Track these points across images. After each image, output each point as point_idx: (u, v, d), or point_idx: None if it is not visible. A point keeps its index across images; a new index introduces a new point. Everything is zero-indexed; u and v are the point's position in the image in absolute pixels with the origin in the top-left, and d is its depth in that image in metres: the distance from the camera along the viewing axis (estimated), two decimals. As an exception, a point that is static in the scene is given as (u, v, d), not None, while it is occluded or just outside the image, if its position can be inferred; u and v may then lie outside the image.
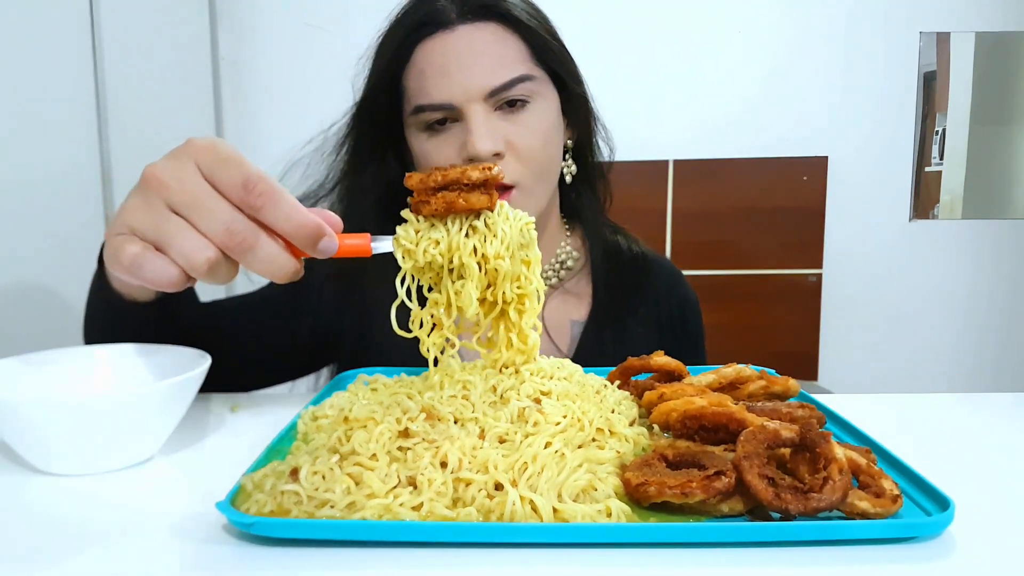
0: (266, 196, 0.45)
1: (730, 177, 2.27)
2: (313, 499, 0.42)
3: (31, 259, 1.24)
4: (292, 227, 0.45)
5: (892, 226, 2.34)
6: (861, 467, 0.42)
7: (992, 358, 2.40)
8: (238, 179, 0.45)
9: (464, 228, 0.51)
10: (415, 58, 0.81)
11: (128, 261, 0.45)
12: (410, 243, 0.51)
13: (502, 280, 0.52)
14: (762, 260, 2.31)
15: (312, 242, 0.46)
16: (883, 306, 2.37)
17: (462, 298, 0.52)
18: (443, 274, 0.53)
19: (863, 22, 2.25)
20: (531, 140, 0.81)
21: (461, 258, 0.50)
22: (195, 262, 0.45)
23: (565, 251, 0.95)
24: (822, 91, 2.28)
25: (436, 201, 0.50)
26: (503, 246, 0.51)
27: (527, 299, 0.54)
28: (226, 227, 0.45)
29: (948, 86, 2.27)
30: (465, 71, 0.78)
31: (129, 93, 1.58)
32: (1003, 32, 2.24)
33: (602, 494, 0.42)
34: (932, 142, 2.30)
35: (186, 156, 0.46)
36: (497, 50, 0.80)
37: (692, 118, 2.23)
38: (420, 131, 0.82)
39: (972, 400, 0.68)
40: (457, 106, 0.78)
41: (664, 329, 0.94)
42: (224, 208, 0.45)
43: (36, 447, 0.50)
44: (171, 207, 0.45)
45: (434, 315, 0.54)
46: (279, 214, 0.45)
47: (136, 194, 0.47)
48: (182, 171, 0.45)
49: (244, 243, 0.45)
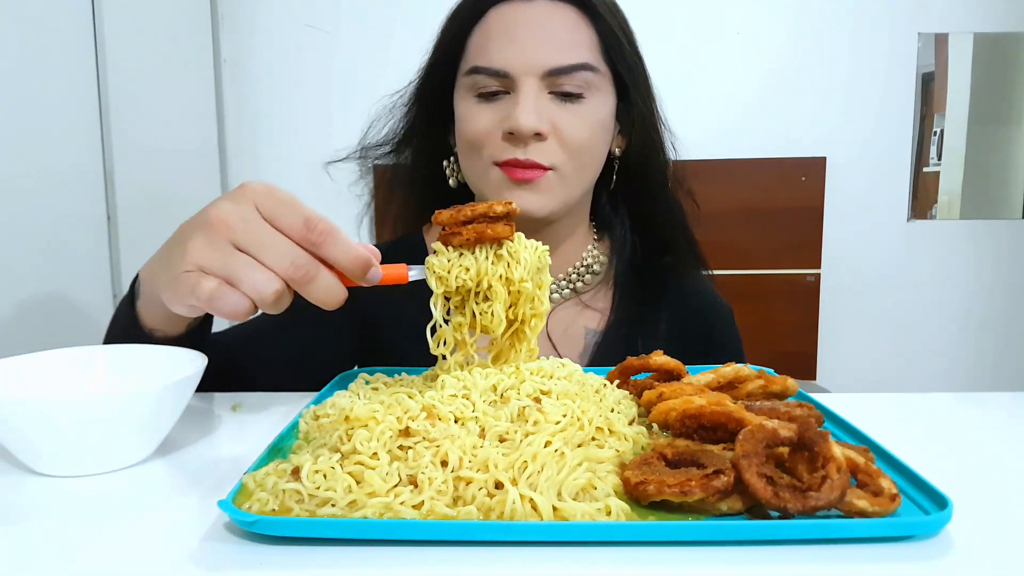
0: (327, 234, 0.50)
1: (728, 177, 2.27)
2: (314, 497, 0.42)
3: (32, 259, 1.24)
4: (348, 260, 0.51)
5: (890, 226, 2.35)
6: (859, 466, 0.42)
7: (990, 357, 2.40)
8: (299, 219, 0.50)
9: (490, 256, 0.57)
10: (487, 18, 0.81)
11: (207, 295, 0.50)
12: (443, 270, 0.56)
13: (524, 301, 0.58)
14: (761, 260, 2.31)
15: (363, 272, 0.52)
16: (881, 306, 2.38)
17: (490, 318, 0.57)
18: (468, 297, 0.58)
19: (862, 23, 2.25)
20: (578, 131, 0.79)
21: (490, 282, 0.56)
22: (264, 294, 0.49)
23: (592, 255, 0.93)
24: (820, 92, 2.28)
25: (467, 231, 0.56)
26: (525, 271, 0.57)
27: (537, 318, 0.59)
28: (291, 262, 0.50)
29: (946, 87, 2.27)
30: (530, 42, 0.77)
31: (131, 93, 1.58)
32: (1001, 33, 2.24)
33: (602, 493, 0.42)
34: (930, 143, 2.30)
35: (245, 199, 0.51)
36: (568, 33, 0.79)
37: (691, 119, 2.22)
38: (470, 94, 0.82)
39: (970, 399, 0.68)
40: (513, 76, 0.78)
41: (690, 343, 0.91)
42: (287, 245, 0.50)
43: (32, 448, 0.50)
44: (236, 245, 0.50)
45: (457, 336, 0.58)
46: (338, 249, 0.51)
47: (200, 234, 0.51)
48: (245, 212, 0.50)
49: (307, 276, 0.50)
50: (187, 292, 0.51)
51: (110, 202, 1.49)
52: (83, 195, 1.43)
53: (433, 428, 0.47)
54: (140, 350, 0.61)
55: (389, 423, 0.47)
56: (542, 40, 0.78)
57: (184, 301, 0.52)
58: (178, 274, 0.51)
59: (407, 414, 0.48)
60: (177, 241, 0.54)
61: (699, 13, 2.25)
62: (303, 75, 2.24)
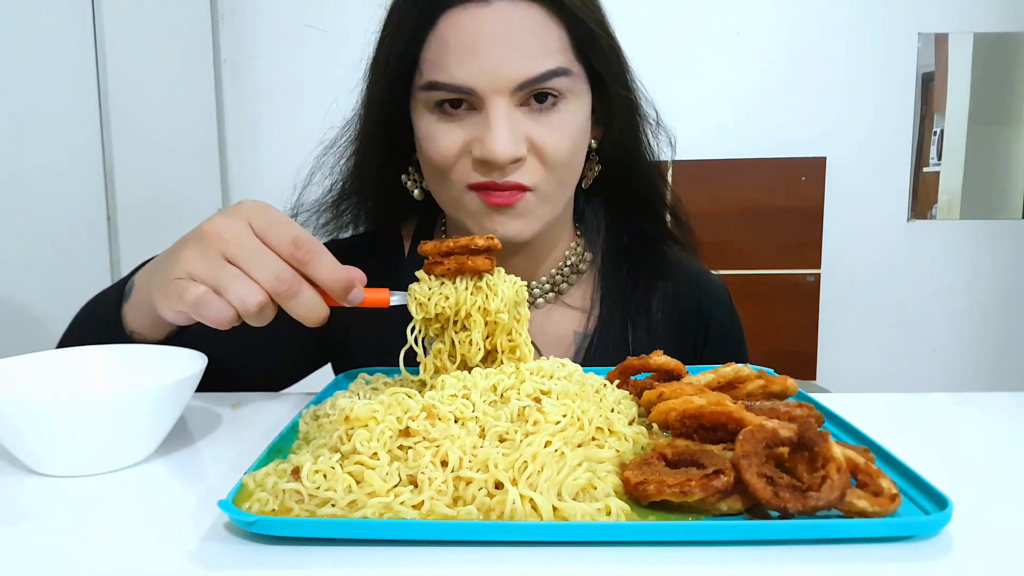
0: (313, 253, 0.53)
1: (729, 178, 2.27)
2: (314, 497, 0.42)
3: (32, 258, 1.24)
4: (331, 280, 0.54)
5: (890, 226, 2.35)
6: (859, 466, 0.42)
7: (990, 357, 2.40)
8: (288, 237, 0.53)
9: (469, 287, 0.59)
10: (439, 28, 0.71)
11: (192, 300, 0.52)
12: (424, 297, 0.59)
13: (500, 332, 0.60)
14: (761, 260, 2.31)
15: (344, 292, 0.55)
16: (881, 306, 2.38)
17: (467, 346, 0.60)
18: (447, 326, 0.60)
19: (862, 23, 2.25)
20: (558, 143, 0.73)
21: (468, 311, 0.59)
22: (248, 304, 0.52)
23: (576, 253, 0.87)
24: (821, 92, 2.28)
25: (449, 262, 0.59)
26: (502, 303, 0.59)
27: (517, 349, 0.62)
28: (276, 276, 0.52)
29: (946, 87, 2.27)
30: (493, 54, 0.69)
31: (131, 94, 1.58)
32: (1001, 33, 2.24)
33: (602, 493, 0.42)
34: (930, 143, 2.31)
35: (239, 216, 0.54)
36: (536, 37, 0.71)
37: (691, 119, 2.23)
38: (429, 110, 0.74)
39: (970, 399, 0.68)
40: (479, 93, 0.70)
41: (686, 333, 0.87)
42: (274, 260, 0.53)
43: (32, 448, 0.50)
44: (227, 258, 0.53)
45: (437, 363, 0.61)
46: (322, 268, 0.53)
47: (193, 245, 0.54)
48: (237, 228, 0.53)
49: (290, 290, 0.53)
50: (175, 297, 0.54)
51: (110, 202, 1.49)
52: (83, 195, 1.43)
53: (433, 428, 0.47)
54: (140, 350, 0.61)
55: (389, 423, 0.47)
56: (507, 50, 0.69)
57: (172, 306, 0.55)
58: (170, 280, 0.54)
59: (407, 414, 0.48)
60: (172, 251, 0.57)
61: (699, 13, 2.25)
62: (303, 75, 2.25)
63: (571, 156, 0.75)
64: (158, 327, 0.66)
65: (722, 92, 2.28)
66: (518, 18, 0.70)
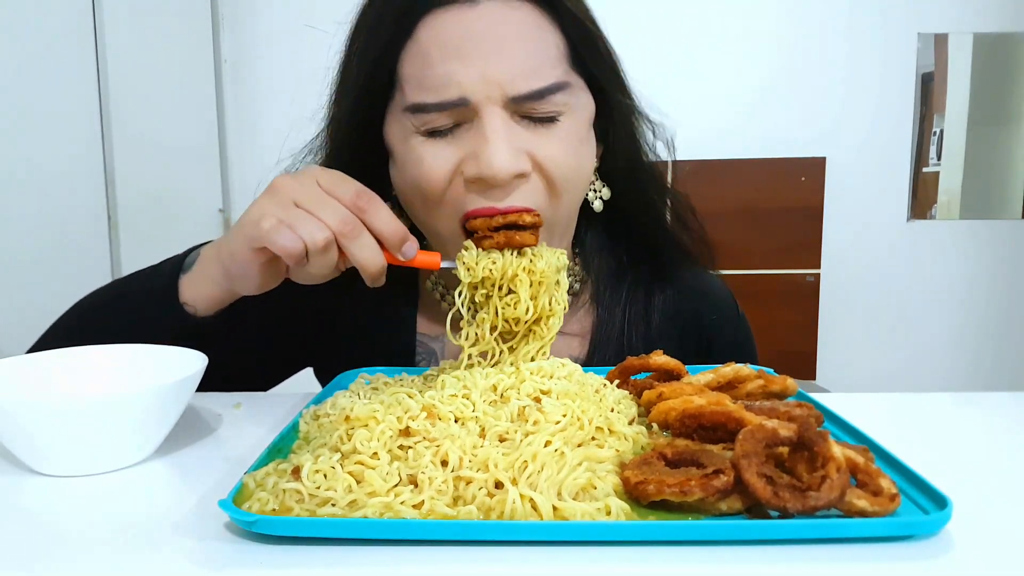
0: (374, 203, 0.57)
1: (729, 178, 2.27)
2: (315, 497, 0.42)
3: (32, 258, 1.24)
4: (388, 229, 0.57)
5: (890, 226, 2.35)
6: (859, 466, 0.42)
7: (989, 357, 2.41)
8: (352, 189, 0.57)
9: (514, 255, 0.63)
10: (418, 35, 0.64)
11: (268, 228, 0.56)
12: (472, 262, 0.62)
13: (544, 293, 0.62)
14: (760, 260, 2.31)
15: (399, 243, 0.58)
16: (881, 306, 2.38)
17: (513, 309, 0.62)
18: (492, 292, 0.62)
19: (861, 23, 2.26)
20: (562, 157, 0.65)
21: (515, 271, 0.62)
22: (316, 239, 0.55)
23: (574, 272, 0.80)
24: (820, 92, 2.28)
25: (498, 236, 0.62)
26: (547, 265, 0.63)
27: (553, 317, 0.63)
28: (341, 218, 0.56)
29: (946, 87, 2.27)
30: (487, 58, 0.61)
31: (131, 93, 1.58)
32: (1001, 33, 2.24)
33: (601, 492, 0.43)
34: (930, 143, 2.31)
35: (307, 173, 0.59)
36: (530, 41, 0.64)
37: (691, 119, 2.23)
38: (413, 132, 0.65)
39: (969, 399, 0.68)
40: (471, 103, 0.62)
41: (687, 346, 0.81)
42: (339, 206, 0.57)
43: (32, 448, 0.50)
44: (297, 203, 0.57)
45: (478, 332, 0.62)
46: (380, 217, 0.57)
47: (266, 195, 0.59)
48: (306, 181, 0.58)
49: (352, 232, 0.56)
50: (251, 226, 0.57)
51: (110, 202, 1.49)
52: (83, 195, 1.43)
53: (433, 428, 0.47)
54: (140, 350, 0.61)
55: (389, 423, 0.47)
56: (500, 57, 0.62)
57: (247, 234, 0.58)
58: (245, 221, 0.59)
59: (407, 414, 0.48)
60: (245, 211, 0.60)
61: (699, 13, 2.25)
62: (302, 75, 2.24)
63: (576, 169, 0.67)
64: (212, 301, 0.67)
65: (722, 92, 2.28)
66: (510, 20, 0.63)
